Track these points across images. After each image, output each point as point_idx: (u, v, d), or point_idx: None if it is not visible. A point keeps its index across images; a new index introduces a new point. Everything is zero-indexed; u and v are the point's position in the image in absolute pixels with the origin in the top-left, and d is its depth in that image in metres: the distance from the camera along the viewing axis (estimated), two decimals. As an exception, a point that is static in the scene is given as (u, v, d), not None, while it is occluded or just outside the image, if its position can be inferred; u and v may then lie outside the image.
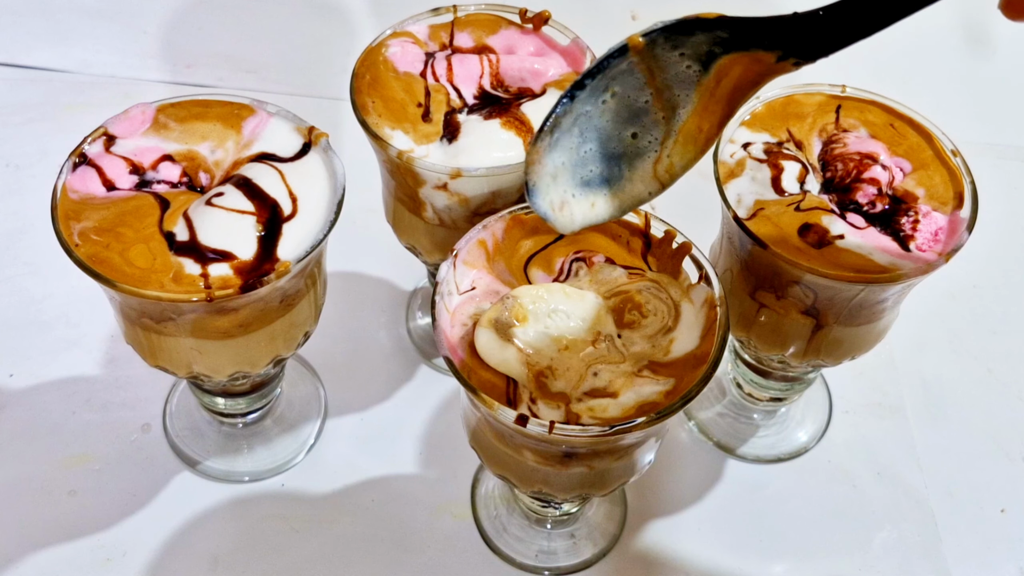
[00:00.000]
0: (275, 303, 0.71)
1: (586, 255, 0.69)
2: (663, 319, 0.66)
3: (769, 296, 0.74)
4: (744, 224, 0.70)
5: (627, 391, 0.62)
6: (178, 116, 0.74)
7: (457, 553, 0.85)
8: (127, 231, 0.67)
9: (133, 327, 0.72)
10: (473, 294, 0.67)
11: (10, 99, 1.17)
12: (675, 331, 0.65)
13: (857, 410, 0.96)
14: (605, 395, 0.62)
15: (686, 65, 0.54)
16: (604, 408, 0.61)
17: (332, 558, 0.83)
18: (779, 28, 0.51)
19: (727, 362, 0.94)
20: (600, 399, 0.62)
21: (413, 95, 0.77)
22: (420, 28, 0.82)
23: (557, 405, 0.62)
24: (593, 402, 0.62)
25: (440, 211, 0.77)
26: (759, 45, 0.52)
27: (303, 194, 0.70)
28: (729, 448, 0.93)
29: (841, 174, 0.74)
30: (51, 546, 0.83)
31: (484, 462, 0.71)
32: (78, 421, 0.90)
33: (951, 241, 0.70)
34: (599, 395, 0.62)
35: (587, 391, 0.62)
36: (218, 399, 0.85)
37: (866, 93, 0.79)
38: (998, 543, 0.88)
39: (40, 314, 0.97)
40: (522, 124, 0.75)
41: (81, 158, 0.71)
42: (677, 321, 0.66)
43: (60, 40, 1.23)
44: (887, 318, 0.77)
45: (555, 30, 0.82)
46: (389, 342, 0.99)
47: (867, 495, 0.90)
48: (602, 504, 0.88)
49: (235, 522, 0.85)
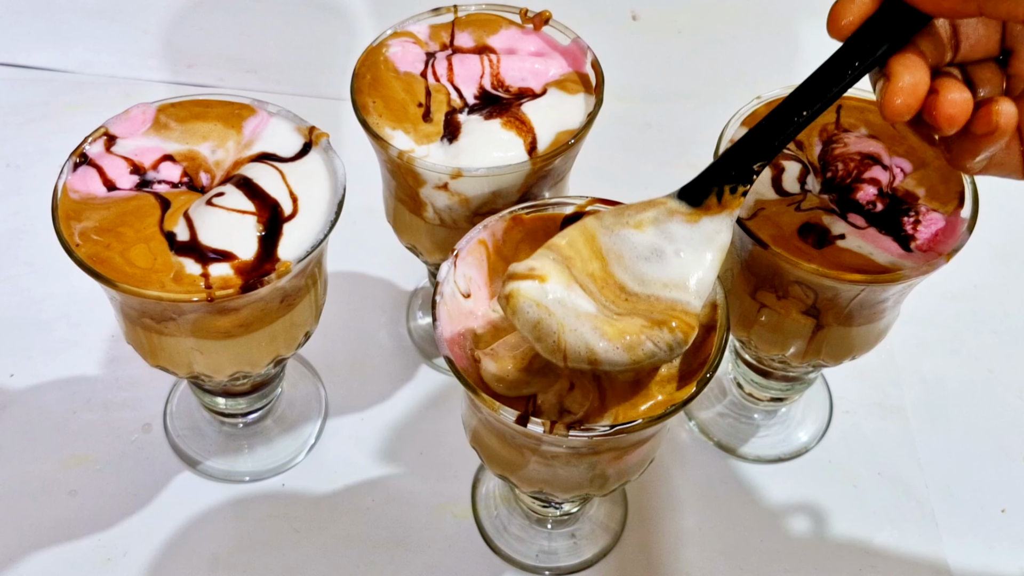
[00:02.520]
0: (276, 303, 0.71)
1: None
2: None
3: (770, 296, 0.74)
4: (745, 224, 0.70)
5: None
6: (179, 116, 0.74)
7: (457, 553, 0.85)
8: (128, 231, 0.67)
9: (134, 327, 0.72)
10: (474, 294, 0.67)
11: (10, 99, 1.17)
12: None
13: (858, 410, 0.96)
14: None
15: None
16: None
17: (332, 558, 0.83)
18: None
19: (728, 362, 0.94)
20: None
21: (414, 95, 0.77)
22: (421, 28, 0.82)
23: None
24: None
25: (441, 211, 0.77)
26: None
27: (304, 194, 0.70)
28: (730, 448, 0.93)
29: (842, 174, 0.74)
30: (51, 546, 0.83)
31: (484, 462, 0.71)
32: (79, 421, 0.90)
33: (952, 241, 0.70)
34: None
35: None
36: (219, 399, 0.85)
37: (867, 93, 0.78)
38: (999, 543, 0.88)
39: (40, 314, 0.97)
40: (523, 124, 0.75)
41: (82, 158, 0.71)
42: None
43: (61, 40, 1.23)
44: (888, 318, 0.77)
45: (556, 30, 0.82)
46: (390, 342, 0.99)
47: (868, 495, 0.90)
48: (603, 504, 0.88)
49: (235, 522, 0.85)
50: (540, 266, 0.58)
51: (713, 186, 0.58)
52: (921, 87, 0.54)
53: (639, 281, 0.58)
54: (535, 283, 0.57)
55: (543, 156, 0.74)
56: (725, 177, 0.58)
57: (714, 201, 0.58)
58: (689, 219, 0.58)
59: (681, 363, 0.64)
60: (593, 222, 0.61)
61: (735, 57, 1.27)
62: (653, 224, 0.59)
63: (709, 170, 0.59)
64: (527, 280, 0.57)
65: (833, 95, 0.56)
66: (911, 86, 0.53)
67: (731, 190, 0.58)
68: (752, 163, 0.57)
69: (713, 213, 0.58)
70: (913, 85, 0.53)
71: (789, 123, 0.56)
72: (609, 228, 0.60)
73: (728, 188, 0.58)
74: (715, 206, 0.58)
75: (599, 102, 0.77)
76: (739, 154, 0.58)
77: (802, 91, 0.56)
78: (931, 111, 0.54)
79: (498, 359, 0.62)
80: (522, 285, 0.57)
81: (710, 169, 0.59)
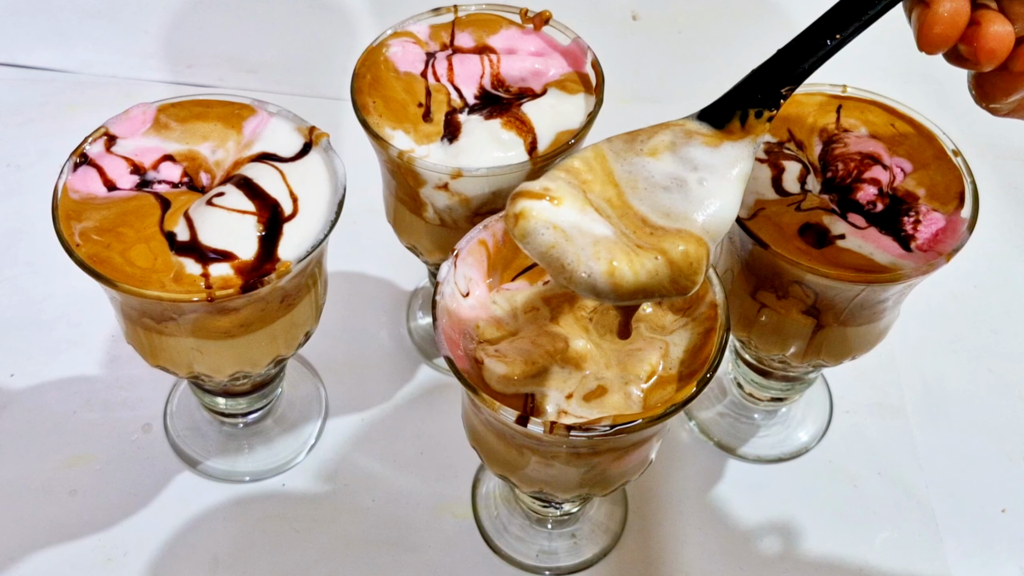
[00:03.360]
0: (276, 303, 0.71)
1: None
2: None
3: (770, 296, 0.74)
4: (745, 224, 0.70)
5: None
6: (179, 116, 0.74)
7: (458, 553, 0.85)
8: (128, 231, 0.67)
9: (134, 327, 0.72)
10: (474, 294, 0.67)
11: (11, 99, 1.17)
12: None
13: (858, 410, 0.96)
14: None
15: None
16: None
17: (333, 558, 0.83)
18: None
19: (728, 362, 0.94)
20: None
21: (414, 95, 0.77)
22: (421, 28, 0.82)
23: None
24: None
25: (441, 211, 0.77)
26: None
27: (304, 194, 0.70)
28: (730, 448, 0.93)
29: (842, 174, 0.74)
30: (51, 546, 0.83)
31: (485, 462, 0.71)
32: (79, 421, 0.90)
33: (952, 241, 0.70)
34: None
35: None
36: (219, 399, 0.85)
37: (867, 93, 0.79)
38: (999, 543, 0.88)
39: (41, 314, 0.97)
40: (523, 124, 0.75)
41: (82, 158, 0.71)
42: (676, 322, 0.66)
43: (61, 40, 1.23)
44: (888, 318, 0.77)
45: (556, 30, 0.82)
46: (390, 342, 0.99)
47: (868, 495, 0.90)
48: (603, 504, 0.88)
49: (236, 522, 0.85)
50: (555, 187, 0.54)
51: (737, 109, 0.55)
52: (961, 16, 0.51)
53: (663, 214, 0.54)
54: (547, 204, 0.53)
55: (543, 156, 0.74)
56: (750, 100, 0.54)
57: (737, 125, 0.54)
58: (709, 142, 0.54)
59: (681, 363, 0.64)
60: (605, 147, 0.56)
61: (735, 57, 1.26)
62: (669, 149, 0.55)
63: (733, 91, 0.55)
64: (539, 200, 0.53)
65: (869, 18, 0.53)
66: (951, 14, 0.50)
67: (756, 114, 0.54)
68: (780, 87, 0.54)
69: (735, 138, 0.54)
70: (953, 13, 0.50)
71: (820, 46, 0.53)
72: (621, 155, 0.55)
73: (753, 112, 0.54)
74: (738, 131, 0.54)
75: (599, 102, 0.77)
76: (766, 76, 0.54)
77: (835, 12, 0.53)
78: (971, 43, 0.51)
79: (505, 361, 0.62)
80: (534, 205, 0.53)
81: (734, 90, 0.55)
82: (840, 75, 0.80)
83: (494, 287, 0.68)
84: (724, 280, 0.68)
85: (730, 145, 0.54)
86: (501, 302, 0.68)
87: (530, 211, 0.52)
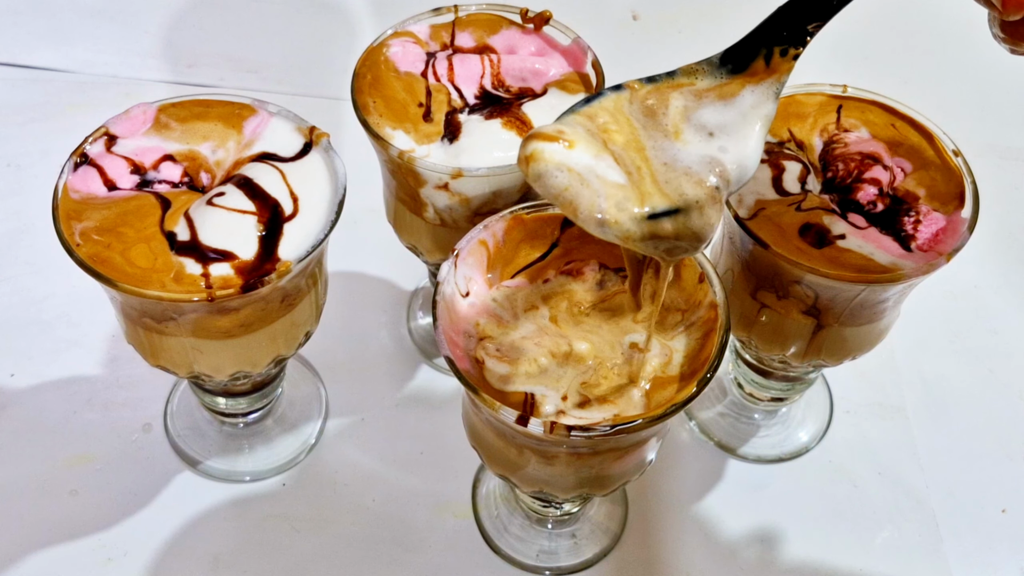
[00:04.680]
0: (276, 303, 0.71)
1: (575, 267, 0.69)
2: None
3: (770, 296, 0.74)
4: (745, 224, 0.70)
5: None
6: (179, 116, 0.74)
7: (458, 553, 0.85)
8: (128, 231, 0.67)
9: (134, 327, 0.72)
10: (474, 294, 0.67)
11: (11, 99, 1.17)
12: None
13: (858, 410, 0.96)
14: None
15: None
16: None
17: (333, 558, 0.83)
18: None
19: (728, 362, 0.94)
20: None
21: (414, 95, 0.77)
22: (421, 28, 0.82)
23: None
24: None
25: (441, 211, 0.77)
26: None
27: (304, 194, 0.70)
28: (730, 448, 0.93)
29: (842, 174, 0.74)
30: (51, 546, 0.83)
31: (485, 462, 0.71)
32: (79, 421, 0.90)
33: (952, 241, 0.70)
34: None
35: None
36: (219, 399, 0.85)
37: (867, 93, 0.79)
38: (999, 543, 0.88)
39: (41, 314, 0.97)
40: (523, 124, 0.75)
41: (82, 158, 0.71)
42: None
43: (61, 40, 1.23)
44: (888, 318, 0.77)
45: (556, 30, 0.82)
46: (390, 342, 0.99)
47: (868, 495, 0.90)
48: (603, 504, 0.88)
49: (236, 522, 0.85)
50: (569, 131, 0.53)
51: (762, 48, 0.53)
52: None
53: (683, 172, 0.53)
54: (559, 146, 0.52)
55: (543, 156, 0.74)
56: (776, 38, 0.53)
57: (761, 65, 0.53)
58: (721, 95, 0.53)
59: (682, 363, 0.64)
60: (627, 109, 0.55)
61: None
62: (685, 121, 0.54)
63: (758, 30, 0.54)
64: (551, 142, 0.52)
65: None
66: None
67: (781, 52, 0.53)
68: (807, 23, 0.52)
69: (757, 80, 0.53)
70: None
71: None
72: (647, 130, 0.55)
73: (778, 50, 0.53)
74: (762, 71, 0.53)
75: (599, 102, 0.77)
76: (793, 12, 0.53)
77: None
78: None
79: (505, 360, 0.62)
80: (546, 147, 0.52)
81: (759, 29, 0.54)
82: (840, 75, 0.80)
83: (494, 287, 0.68)
84: (724, 280, 0.68)
85: (750, 90, 0.53)
86: (501, 301, 0.68)
87: (541, 152, 0.52)
